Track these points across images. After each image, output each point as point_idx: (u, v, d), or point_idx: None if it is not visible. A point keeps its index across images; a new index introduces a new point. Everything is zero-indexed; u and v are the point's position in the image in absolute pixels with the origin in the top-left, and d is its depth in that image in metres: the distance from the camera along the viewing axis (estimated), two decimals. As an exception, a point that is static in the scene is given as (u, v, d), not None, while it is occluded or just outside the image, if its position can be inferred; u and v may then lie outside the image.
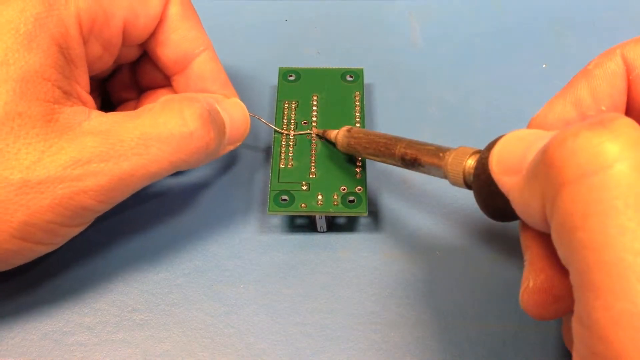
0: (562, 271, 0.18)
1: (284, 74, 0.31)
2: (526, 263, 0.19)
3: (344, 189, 0.26)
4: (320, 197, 0.26)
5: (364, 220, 0.28)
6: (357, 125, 0.29)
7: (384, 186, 0.29)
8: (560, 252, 0.15)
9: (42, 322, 0.25)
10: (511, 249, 0.27)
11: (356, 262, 0.27)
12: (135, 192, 0.24)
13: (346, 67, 0.31)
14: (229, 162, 0.29)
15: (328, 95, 0.30)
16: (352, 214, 0.26)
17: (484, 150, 0.19)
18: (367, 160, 0.28)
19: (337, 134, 0.27)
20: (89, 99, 0.24)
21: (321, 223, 0.27)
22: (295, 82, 0.30)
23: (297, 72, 0.31)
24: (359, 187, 0.27)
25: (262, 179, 0.29)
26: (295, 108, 0.29)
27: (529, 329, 0.25)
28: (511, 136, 0.18)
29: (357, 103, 0.29)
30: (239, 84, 0.31)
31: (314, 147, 0.28)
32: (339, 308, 0.25)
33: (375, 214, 0.28)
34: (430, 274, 0.26)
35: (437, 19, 0.35)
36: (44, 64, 0.22)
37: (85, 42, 0.23)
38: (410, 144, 0.23)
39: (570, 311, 0.18)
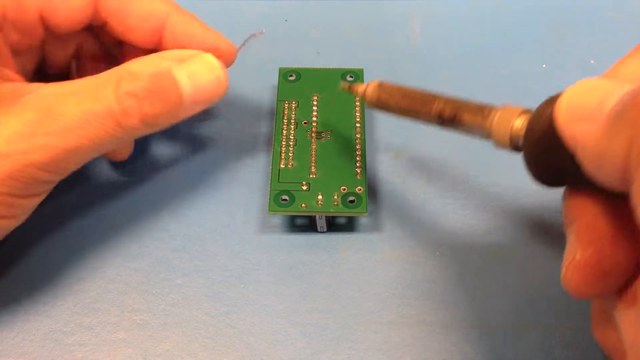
0: (614, 245, 0.17)
1: (284, 74, 0.31)
2: (571, 236, 0.18)
3: (344, 189, 0.26)
4: (320, 197, 0.26)
5: (364, 220, 0.28)
6: (358, 125, 0.29)
7: (384, 186, 0.29)
8: None
9: (42, 322, 0.25)
10: (511, 248, 0.27)
11: (356, 262, 0.27)
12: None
13: (346, 67, 0.31)
14: (229, 161, 0.29)
15: (328, 95, 0.30)
16: (352, 214, 0.26)
17: (542, 105, 0.18)
18: (367, 160, 0.28)
19: (367, 88, 0.26)
20: (22, 80, 0.25)
21: (321, 223, 0.27)
22: (295, 82, 0.30)
23: (297, 72, 0.31)
24: (359, 187, 0.27)
25: (262, 179, 0.29)
26: (295, 108, 0.29)
27: (530, 329, 0.25)
28: (582, 84, 0.17)
29: (357, 103, 0.29)
30: (239, 84, 0.31)
31: (314, 147, 0.28)
32: (339, 308, 0.25)
33: (375, 214, 0.28)
34: (431, 274, 0.26)
35: (437, 19, 0.35)
36: None
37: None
38: (450, 100, 0.22)
39: (616, 292, 0.16)
